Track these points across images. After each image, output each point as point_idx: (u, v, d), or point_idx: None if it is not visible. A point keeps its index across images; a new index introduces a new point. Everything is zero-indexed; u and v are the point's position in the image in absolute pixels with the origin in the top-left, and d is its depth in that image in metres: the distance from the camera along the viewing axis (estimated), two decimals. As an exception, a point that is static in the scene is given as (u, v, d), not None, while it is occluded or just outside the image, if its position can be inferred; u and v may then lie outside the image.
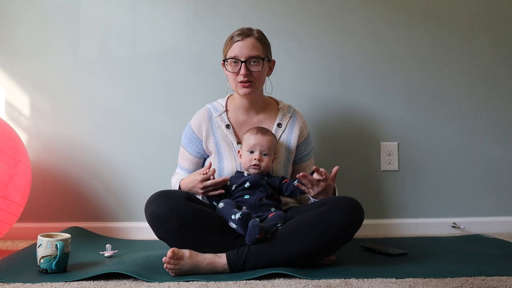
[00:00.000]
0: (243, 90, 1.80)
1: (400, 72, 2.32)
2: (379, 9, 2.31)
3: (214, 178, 1.71)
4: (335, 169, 1.70)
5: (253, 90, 1.81)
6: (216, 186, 1.70)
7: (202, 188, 1.69)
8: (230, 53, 1.80)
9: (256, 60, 1.79)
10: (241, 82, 1.78)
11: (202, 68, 2.24)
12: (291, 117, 1.92)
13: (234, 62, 1.79)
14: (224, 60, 1.84)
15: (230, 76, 1.82)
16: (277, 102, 1.96)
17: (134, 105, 2.24)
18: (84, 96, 2.23)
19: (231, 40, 1.82)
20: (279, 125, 1.90)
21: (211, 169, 1.72)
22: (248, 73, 1.77)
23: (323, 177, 1.64)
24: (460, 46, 2.34)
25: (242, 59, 1.77)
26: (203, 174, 1.69)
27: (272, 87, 1.94)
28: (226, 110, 1.90)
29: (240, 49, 1.78)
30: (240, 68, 1.77)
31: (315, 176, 1.64)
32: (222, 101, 1.93)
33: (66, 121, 2.22)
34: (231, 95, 1.95)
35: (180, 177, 1.85)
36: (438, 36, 2.33)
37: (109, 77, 2.24)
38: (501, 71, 2.35)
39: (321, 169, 1.65)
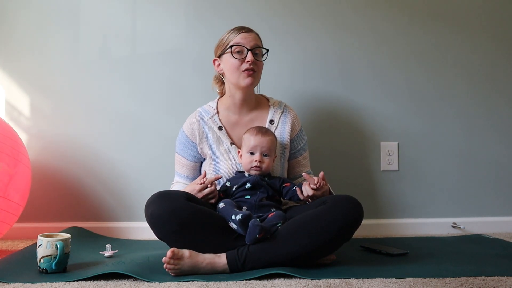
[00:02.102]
0: (247, 80, 1.79)
1: (400, 72, 2.32)
2: (380, 8, 2.31)
3: (211, 186, 1.70)
4: (321, 174, 1.68)
5: (255, 81, 1.83)
6: (214, 193, 1.70)
7: (201, 198, 1.69)
8: (235, 42, 1.81)
9: (259, 51, 1.83)
10: (246, 70, 1.78)
11: (202, 68, 2.24)
12: (282, 112, 1.93)
13: (238, 51, 1.80)
14: (220, 54, 1.85)
15: (233, 66, 1.80)
16: (267, 99, 1.97)
17: (134, 105, 2.24)
18: (84, 96, 2.23)
19: (233, 33, 1.83)
20: (271, 121, 1.90)
21: (210, 177, 1.72)
22: (254, 60, 1.79)
23: (317, 185, 1.63)
24: (461, 45, 2.34)
25: (248, 47, 1.79)
26: (200, 184, 1.69)
27: (260, 87, 1.94)
28: (217, 112, 1.90)
29: (245, 38, 1.81)
30: (245, 57, 1.78)
31: (312, 186, 1.63)
32: (213, 104, 1.93)
33: (66, 121, 2.22)
34: (220, 97, 1.95)
35: (178, 188, 1.85)
36: (438, 36, 2.33)
37: (109, 77, 2.24)
38: (501, 71, 2.35)
39: (314, 177, 1.65)
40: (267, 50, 1.85)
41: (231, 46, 1.80)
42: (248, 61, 1.78)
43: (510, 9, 2.36)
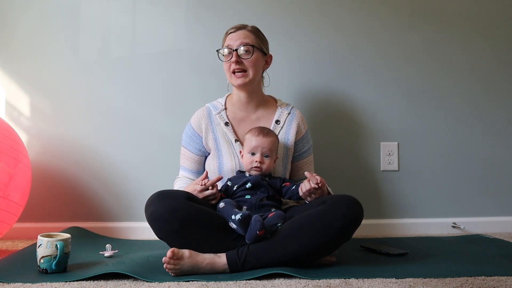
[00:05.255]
0: (237, 81, 1.83)
1: (400, 72, 2.32)
2: (379, 9, 2.31)
3: (213, 188, 1.70)
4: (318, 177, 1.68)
5: (247, 80, 1.83)
6: (215, 195, 1.70)
7: (202, 198, 1.69)
8: (224, 44, 1.87)
9: (247, 49, 1.82)
10: (234, 71, 1.82)
11: (201, 68, 2.25)
12: (289, 114, 1.93)
13: (228, 52, 1.83)
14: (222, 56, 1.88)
15: (225, 68, 1.87)
16: (275, 100, 1.98)
17: (134, 105, 2.24)
18: (84, 96, 2.23)
19: (225, 34, 1.89)
20: (277, 122, 1.91)
21: (212, 178, 1.72)
22: (239, 60, 1.81)
23: (319, 184, 1.63)
24: (460, 46, 2.34)
25: (234, 47, 1.82)
26: (201, 185, 1.69)
27: (270, 81, 1.96)
28: (225, 108, 1.92)
29: (231, 39, 1.85)
30: (232, 57, 1.81)
31: (311, 184, 1.63)
32: (221, 100, 1.95)
33: (66, 121, 2.22)
34: (230, 93, 1.96)
35: (180, 186, 1.85)
36: (438, 37, 2.33)
37: (109, 77, 2.24)
38: (500, 72, 2.35)
39: (316, 177, 1.64)
40: (252, 46, 1.82)
41: (219, 50, 1.86)
42: (232, 62, 1.81)
43: (506, 11, 2.36)
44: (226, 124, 1.88)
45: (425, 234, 2.23)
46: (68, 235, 1.53)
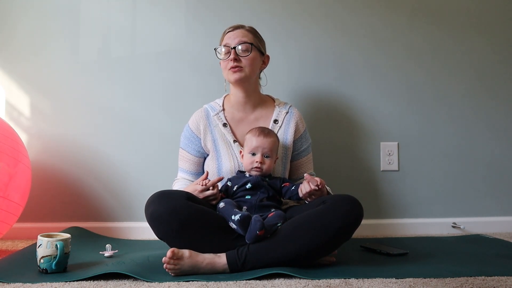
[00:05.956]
0: (233, 76, 1.83)
1: (400, 72, 2.32)
2: (379, 9, 2.31)
3: (213, 188, 1.70)
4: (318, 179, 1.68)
5: (243, 75, 1.83)
6: (216, 195, 1.70)
7: (202, 199, 1.69)
8: (222, 43, 1.88)
9: (245, 47, 1.84)
10: (231, 68, 1.82)
11: (201, 68, 2.24)
12: (287, 113, 1.93)
13: (226, 51, 1.85)
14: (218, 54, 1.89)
15: (222, 66, 1.88)
16: (273, 100, 1.98)
17: (134, 105, 2.24)
18: (84, 96, 2.23)
19: (223, 33, 1.91)
20: (275, 121, 1.91)
21: (213, 178, 1.73)
22: (237, 58, 1.82)
23: (319, 186, 1.63)
24: (460, 46, 2.34)
25: (232, 45, 1.83)
26: (202, 185, 1.69)
27: (267, 80, 1.96)
28: (223, 109, 1.91)
29: (229, 38, 1.86)
30: (230, 55, 1.83)
31: (311, 186, 1.63)
32: (219, 101, 1.95)
33: (66, 121, 2.22)
34: (228, 94, 1.96)
35: (180, 187, 1.85)
36: (438, 37, 2.33)
37: (109, 77, 2.24)
38: (500, 71, 2.35)
39: (316, 178, 1.65)
40: (251, 44, 1.84)
41: (217, 49, 1.88)
42: (230, 59, 1.82)
43: (507, 11, 2.36)
44: (224, 125, 1.89)
45: (425, 234, 2.23)
46: (68, 235, 1.53)
